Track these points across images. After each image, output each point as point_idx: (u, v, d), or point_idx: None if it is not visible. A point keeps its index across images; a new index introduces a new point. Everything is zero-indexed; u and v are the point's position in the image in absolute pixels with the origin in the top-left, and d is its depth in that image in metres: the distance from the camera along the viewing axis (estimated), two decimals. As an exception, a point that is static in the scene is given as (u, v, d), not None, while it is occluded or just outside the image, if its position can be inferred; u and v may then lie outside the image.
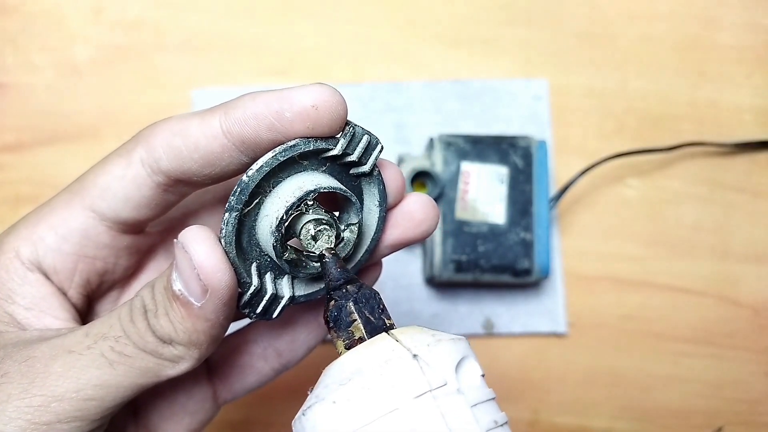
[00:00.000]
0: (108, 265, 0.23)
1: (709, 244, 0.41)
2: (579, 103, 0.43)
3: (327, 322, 0.20)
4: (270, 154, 0.19)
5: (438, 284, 0.40)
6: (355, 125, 0.20)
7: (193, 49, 0.44)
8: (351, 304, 0.20)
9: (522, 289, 0.40)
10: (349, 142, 0.20)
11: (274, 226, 0.19)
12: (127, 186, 0.21)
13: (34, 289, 0.21)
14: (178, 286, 0.19)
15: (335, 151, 0.20)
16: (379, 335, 0.19)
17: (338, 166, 0.21)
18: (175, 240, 0.19)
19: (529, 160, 0.37)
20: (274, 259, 0.20)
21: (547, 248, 0.37)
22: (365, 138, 0.20)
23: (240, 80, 0.43)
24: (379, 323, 0.20)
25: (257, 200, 0.20)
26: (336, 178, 0.21)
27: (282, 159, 0.19)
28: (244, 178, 0.19)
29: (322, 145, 0.19)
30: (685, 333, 0.40)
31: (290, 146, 0.19)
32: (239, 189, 0.19)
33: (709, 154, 0.43)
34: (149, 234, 0.23)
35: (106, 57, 0.44)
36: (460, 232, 0.36)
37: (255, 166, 0.19)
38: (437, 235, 0.36)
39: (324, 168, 0.21)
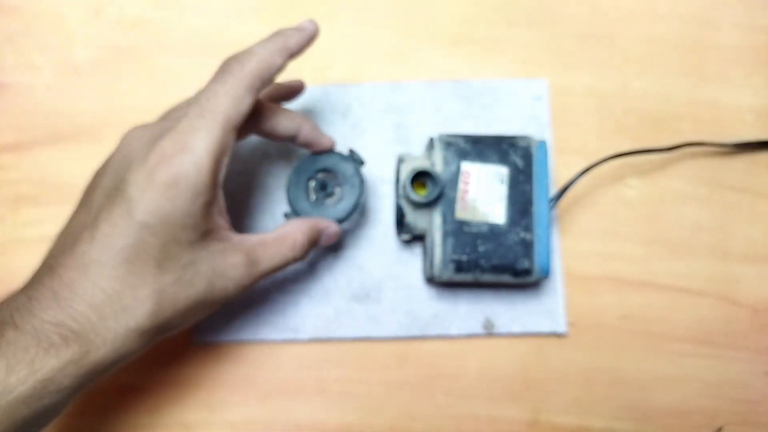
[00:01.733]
0: None
1: (709, 244, 0.41)
2: (579, 103, 0.43)
3: None
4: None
5: (438, 284, 0.40)
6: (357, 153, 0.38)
7: (193, 50, 0.44)
8: None
9: (522, 289, 0.40)
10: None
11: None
12: (250, 106, 0.31)
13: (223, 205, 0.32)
14: (324, 241, 0.36)
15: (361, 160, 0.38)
16: None
17: None
18: (335, 227, 0.36)
19: (529, 160, 0.37)
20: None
21: (547, 248, 0.36)
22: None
23: (240, 80, 0.43)
24: None
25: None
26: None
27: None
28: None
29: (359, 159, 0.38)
30: (685, 333, 0.40)
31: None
32: (355, 205, 0.37)
33: (710, 155, 0.43)
34: None
35: (106, 57, 0.44)
36: (460, 232, 0.36)
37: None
38: (437, 236, 0.36)
39: None
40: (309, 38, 0.33)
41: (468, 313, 0.40)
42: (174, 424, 0.39)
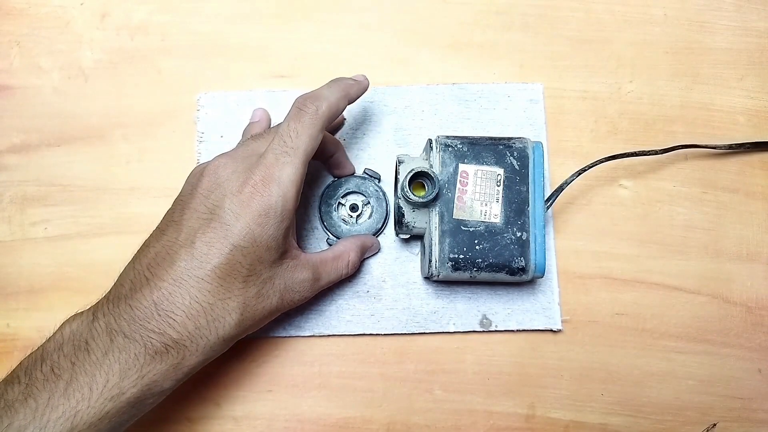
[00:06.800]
0: None
1: (701, 243, 0.42)
2: (574, 106, 0.44)
3: None
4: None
5: (436, 282, 0.41)
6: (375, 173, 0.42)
7: (198, 53, 0.44)
8: None
9: (518, 287, 0.41)
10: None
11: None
12: (320, 141, 0.34)
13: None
14: (368, 254, 0.41)
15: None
16: None
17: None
18: (377, 241, 0.41)
19: (525, 161, 0.38)
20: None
21: (542, 247, 0.37)
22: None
23: (244, 84, 0.44)
24: None
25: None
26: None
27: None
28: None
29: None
30: (678, 330, 0.41)
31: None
32: (388, 216, 0.42)
33: (702, 156, 0.43)
34: None
35: (111, 60, 0.44)
36: (457, 231, 0.37)
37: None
38: (435, 235, 0.37)
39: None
40: (363, 90, 0.37)
41: (465, 310, 0.40)
42: (179, 418, 0.39)
